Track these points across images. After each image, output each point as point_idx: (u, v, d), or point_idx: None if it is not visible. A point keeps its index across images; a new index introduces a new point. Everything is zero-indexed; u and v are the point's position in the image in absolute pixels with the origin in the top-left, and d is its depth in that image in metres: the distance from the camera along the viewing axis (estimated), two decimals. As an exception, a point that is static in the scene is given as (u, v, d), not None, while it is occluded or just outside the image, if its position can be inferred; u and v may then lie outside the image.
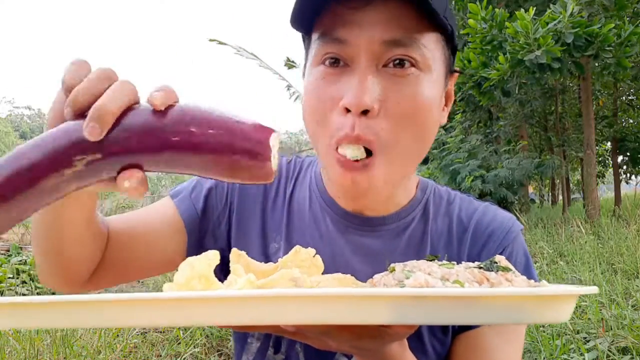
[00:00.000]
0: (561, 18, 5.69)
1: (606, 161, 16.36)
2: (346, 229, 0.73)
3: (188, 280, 0.40)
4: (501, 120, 10.09)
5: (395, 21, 0.57)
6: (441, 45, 0.62)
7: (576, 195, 18.86)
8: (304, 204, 0.77)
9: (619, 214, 7.15)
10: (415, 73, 0.59)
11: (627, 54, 6.08)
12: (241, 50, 8.02)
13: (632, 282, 4.08)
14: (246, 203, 0.78)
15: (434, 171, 9.57)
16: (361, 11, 0.57)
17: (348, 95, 0.57)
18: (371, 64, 0.58)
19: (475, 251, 0.73)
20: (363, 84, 0.57)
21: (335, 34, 0.58)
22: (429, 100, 0.61)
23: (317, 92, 0.61)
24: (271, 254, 0.76)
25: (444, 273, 0.42)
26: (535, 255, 5.50)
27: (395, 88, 0.58)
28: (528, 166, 8.40)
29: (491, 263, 0.44)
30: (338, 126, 0.59)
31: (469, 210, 0.76)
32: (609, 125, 12.45)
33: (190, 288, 0.40)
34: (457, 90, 7.74)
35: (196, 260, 0.42)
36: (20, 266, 4.17)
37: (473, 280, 0.41)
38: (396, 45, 0.57)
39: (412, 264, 0.46)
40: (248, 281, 0.42)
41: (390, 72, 0.59)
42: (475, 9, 6.35)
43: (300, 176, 0.81)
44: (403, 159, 0.62)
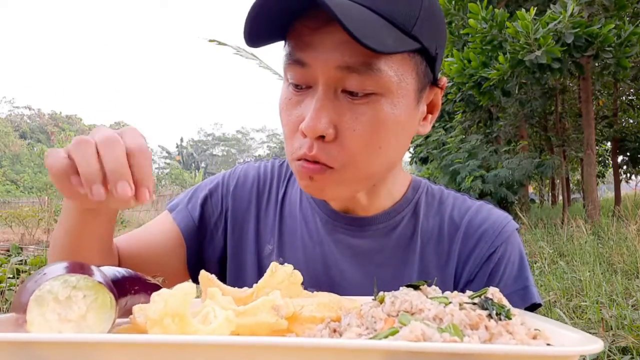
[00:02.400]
0: (561, 18, 5.69)
1: (606, 161, 16.35)
2: (335, 229, 0.74)
3: (161, 317, 0.38)
4: (501, 120, 10.09)
5: (351, 45, 0.53)
6: (411, 62, 0.60)
7: (576, 195, 18.85)
8: (295, 205, 0.79)
9: (619, 214, 7.14)
10: (374, 99, 0.58)
11: (627, 54, 6.08)
12: (241, 51, 8.02)
13: (632, 282, 4.08)
14: (240, 208, 0.80)
15: (434, 171, 9.58)
16: (318, 33, 0.56)
17: (305, 121, 0.58)
18: (329, 89, 0.58)
19: (467, 251, 0.72)
20: (318, 110, 0.57)
21: (295, 55, 0.58)
22: (389, 124, 0.60)
23: (284, 113, 0.63)
24: (265, 256, 0.77)
25: (437, 312, 0.40)
26: (535, 255, 5.49)
27: (351, 115, 0.58)
28: (528, 166, 8.40)
29: (486, 300, 0.42)
30: (299, 145, 0.61)
31: (462, 209, 0.76)
32: (609, 125, 12.45)
33: (164, 327, 0.38)
34: (457, 90, 7.74)
35: (171, 295, 0.39)
36: (20, 266, 4.17)
37: (468, 324, 0.39)
38: (351, 72, 0.56)
39: (402, 296, 0.43)
40: (226, 319, 0.40)
41: (348, 99, 0.58)
42: (475, 9, 6.35)
43: (292, 178, 0.82)
44: (360, 176, 0.63)
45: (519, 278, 0.72)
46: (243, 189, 0.81)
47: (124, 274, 0.51)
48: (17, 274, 3.99)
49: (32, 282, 0.41)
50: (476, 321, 0.39)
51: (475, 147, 8.82)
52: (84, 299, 0.40)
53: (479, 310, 0.40)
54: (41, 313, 0.38)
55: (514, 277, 0.72)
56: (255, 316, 0.43)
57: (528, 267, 0.74)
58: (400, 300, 0.42)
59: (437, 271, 0.73)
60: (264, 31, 0.57)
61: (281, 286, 0.51)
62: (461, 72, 6.91)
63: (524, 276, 0.72)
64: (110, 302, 0.41)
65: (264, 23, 0.56)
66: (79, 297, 0.40)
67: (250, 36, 0.56)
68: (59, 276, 0.40)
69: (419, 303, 0.41)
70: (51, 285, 0.39)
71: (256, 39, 0.58)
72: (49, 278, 0.40)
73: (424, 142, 10.24)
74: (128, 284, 0.51)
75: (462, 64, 6.86)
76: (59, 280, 0.40)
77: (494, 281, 0.71)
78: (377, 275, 0.73)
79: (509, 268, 0.72)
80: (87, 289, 0.40)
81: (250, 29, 0.55)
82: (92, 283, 0.41)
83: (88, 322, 0.39)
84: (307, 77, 0.59)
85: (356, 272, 0.73)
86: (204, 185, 0.83)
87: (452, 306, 0.41)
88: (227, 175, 0.84)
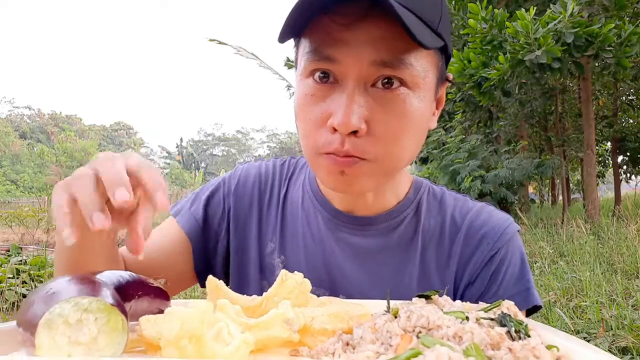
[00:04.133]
0: (561, 18, 5.68)
1: (606, 161, 16.34)
2: (337, 228, 0.75)
3: (177, 338, 0.37)
4: (501, 120, 10.08)
5: (384, 41, 0.56)
6: (434, 58, 0.62)
7: (576, 195, 18.85)
8: (297, 204, 0.79)
9: (619, 214, 7.14)
10: (404, 92, 0.59)
11: (627, 54, 6.07)
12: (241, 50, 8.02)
13: (632, 282, 4.08)
14: (242, 207, 0.80)
15: (434, 171, 9.57)
16: (351, 30, 0.56)
17: (337, 116, 0.57)
18: (359, 84, 0.58)
19: (468, 253, 0.73)
20: (350, 105, 0.57)
21: (325, 52, 0.58)
22: (417, 116, 0.61)
23: (307, 108, 0.62)
24: (267, 254, 0.78)
25: (457, 330, 0.39)
26: (535, 255, 5.49)
27: (382, 109, 0.59)
28: (528, 166, 8.40)
29: (504, 316, 0.41)
30: (327, 141, 0.60)
31: (463, 210, 0.76)
32: (609, 125, 12.44)
33: (179, 348, 0.37)
34: (457, 91, 7.74)
35: (187, 315, 0.38)
36: (20, 266, 4.17)
37: (489, 343, 0.38)
38: (384, 66, 0.57)
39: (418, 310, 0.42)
40: (244, 342, 0.39)
41: (379, 93, 0.59)
42: (475, 9, 6.34)
43: (294, 176, 0.83)
44: (390, 168, 0.64)
45: (520, 280, 0.72)
46: (244, 188, 0.82)
47: (127, 279, 0.51)
48: (17, 274, 3.99)
49: (39, 302, 0.40)
50: (497, 341, 0.38)
51: (475, 147, 8.82)
52: (95, 321, 0.39)
53: (498, 328, 0.39)
54: (51, 336, 0.37)
55: (515, 279, 0.72)
56: (268, 330, 0.42)
57: (529, 269, 0.74)
58: (416, 316, 0.41)
59: (438, 271, 0.73)
60: (296, 24, 0.56)
61: (291, 295, 0.50)
62: (461, 72, 6.90)
63: (525, 278, 0.72)
64: (122, 325, 0.40)
65: (303, 16, 0.55)
66: (90, 320, 0.39)
67: (289, 28, 0.56)
68: (70, 299, 0.39)
69: (436, 319, 0.40)
70: (62, 309, 0.38)
71: (288, 32, 0.57)
72: (60, 300, 0.39)
73: (424, 142, 10.23)
74: (132, 289, 0.50)
75: (462, 64, 6.85)
76: (70, 303, 0.39)
77: (495, 283, 0.71)
78: (378, 273, 0.73)
79: (510, 270, 0.72)
80: (99, 311, 0.39)
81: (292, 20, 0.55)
82: (104, 306, 0.40)
83: (99, 345, 0.39)
84: (336, 73, 0.59)
85: (357, 270, 0.73)
86: (206, 188, 0.83)
87: (471, 323, 0.40)
88: (228, 176, 0.84)
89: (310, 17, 0.56)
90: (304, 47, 0.60)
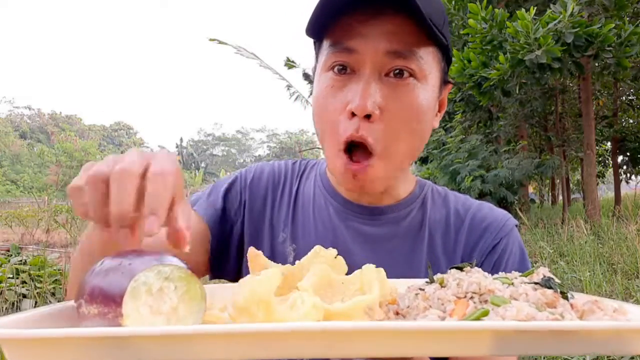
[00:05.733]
0: (561, 18, 5.69)
1: (606, 161, 16.35)
2: (347, 217, 0.80)
3: (247, 304, 0.38)
4: (501, 120, 10.08)
5: (397, 34, 0.64)
6: (438, 58, 0.70)
7: (576, 195, 18.85)
8: (309, 197, 0.85)
9: (619, 214, 7.14)
10: (413, 82, 0.66)
11: (627, 54, 6.08)
12: (241, 50, 8.02)
13: (632, 282, 4.08)
14: (257, 200, 0.86)
15: (434, 171, 9.57)
16: (368, 24, 0.64)
17: (354, 101, 0.64)
18: (374, 72, 0.65)
19: (472, 242, 0.78)
20: (367, 90, 0.64)
21: (345, 44, 0.65)
22: (424, 107, 0.68)
23: (326, 100, 0.68)
24: (279, 243, 0.82)
25: (511, 292, 0.41)
26: (535, 255, 5.49)
27: (394, 96, 0.65)
28: (528, 166, 8.40)
29: (548, 279, 0.43)
30: (344, 128, 0.66)
31: (466, 205, 0.82)
32: (609, 125, 12.45)
33: (250, 314, 0.38)
34: (457, 90, 7.74)
35: (257, 283, 0.39)
36: (20, 266, 4.17)
37: (545, 302, 0.39)
38: (397, 57, 0.64)
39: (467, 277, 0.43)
40: (314, 306, 0.39)
41: (391, 81, 0.66)
42: (475, 9, 6.35)
43: (304, 174, 0.89)
44: (399, 158, 0.70)
45: (521, 268, 0.76)
46: (259, 183, 0.87)
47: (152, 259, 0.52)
48: (17, 274, 3.98)
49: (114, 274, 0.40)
50: (552, 299, 0.40)
51: (475, 147, 8.82)
52: (175, 290, 0.39)
53: (546, 290, 0.41)
54: (135, 307, 0.37)
55: (516, 268, 0.76)
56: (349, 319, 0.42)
57: (528, 259, 0.79)
58: (467, 282, 0.43)
59: (445, 259, 0.77)
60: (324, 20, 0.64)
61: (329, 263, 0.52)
62: (461, 72, 6.90)
63: (525, 267, 0.77)
64: (201, 294, 0.40)
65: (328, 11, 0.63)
66: (170, 289, 0.39)
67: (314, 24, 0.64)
68: (153, 267, 0.39)
69: (487, 284, 0.42)
70: (146, 277, 0.38)
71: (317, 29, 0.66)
72: (141, 269, 0.39)
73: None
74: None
75: (462, 64, 6.86)
76: (153, 271, 0.39)
77: (498, 270, 0.75)
78: (388, 261, 0.75)
79: (512, 259, 0.77)
80: (179, 280, 0.39)
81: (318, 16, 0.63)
82: (185, 274, 0.40)
83: (179, 315, 0.38)
84: (354, 63, 0.66)
85: (367, 257, 0.76)
86: (224, 181, 0.89)
87: (524, 286, 0.41)
88: (243, 172, 0.90)
89: (335, 16, 0.64)
90: (326, 43, 0.68)
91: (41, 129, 48.22)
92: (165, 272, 0.39)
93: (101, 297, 0.39)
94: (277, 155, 50.35)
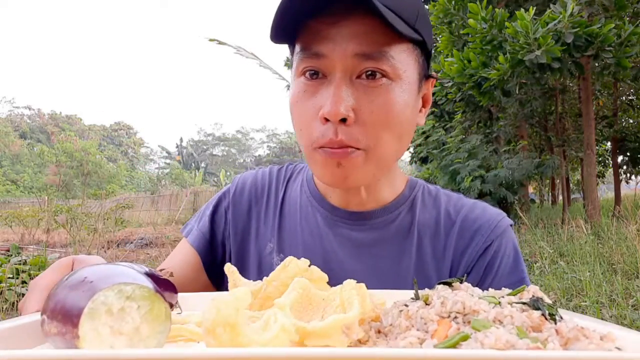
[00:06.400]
0: (561, 18, 5.68)
1: (606, 161, 16.34)
2: (335, 223, 0.78)
3: (214, 325, 0.35)
4: (501, 120, 10.08)
5: (365, 35, 0.61)
6: (414, 54, 0.67)
7: (576, 195, 18.84)
8: (295, 204, 0.83)
9: (619, 214, 7.14)
10: (386, 83, 0.64)
11: (627, 54, 6.07)
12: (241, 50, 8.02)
13: (632, 282, 4.08)
14: (241, 212, 0.86)
15: (434, 171, 9.57)
16: (335, 27, 0.61)
17: (326, 105, 0.62)
18: (345, 76, 0.63)
19: (463, 244, 0.75)
20: (338, 95, 0.61)
21: (313, 49, 0.63)
22: (400, 107, 0.65)
23: (300, 106, 0.66)
24: (266, 254, 0.81)
25: (496, 314, 0.38)
26: (535, 255, 5.49)
27: (367, 98, 0.63)
28: (528, 166, 8.39)
29: (536, 300, 0.41)
30: (321, 133, 0.63)
31: (457, 206, 0.79)
32: (609, 125, 12.44)
33: (215, 336, 0.36)
34: (457, 91, 7.73)
35: (224, 304, 0.36)
36: (20, 266, 4.17)
37: (530, 326, 0.38)
38: (367, 58, 0.62)
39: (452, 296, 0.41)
40: (282, 329, 0.37)
41: (363, 83, 0.63)
42: (475, 8, 6.35)
43: (291, 179, 0.87)
44: (382, 158, 0.67)
45: (514, 270, 0.75)
46: (241, 196, 0.87)
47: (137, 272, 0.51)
48: (16, 274, 3.99)
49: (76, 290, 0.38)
50: (538, 323, 0.38)
51: (475, 147, 8.82)
52: (138, 309, 0.37)
53: (533, 311, 0.39)
54: (94, 327, 0.35)
55: (509, 269, 0.74)
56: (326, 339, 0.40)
57: (522, 260, 0.77)
58: (451, 301, 0.41)
59: (434, 263, 0.75)
60: (286, 26, 0.62)
61: (291, 281, 0.49)
62: (461, 72, 6.90)
63: (519, 269, 0.75)
64: (166, 313, 0.38)
65: (289, 15, 0.60)
66: (133, 308, 0.37)
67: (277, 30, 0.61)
68: (114, 286, 0.37)
69: (472, 304, 0.40)
70: (105, 297, 0.36)
71: (280, 35, 0.63)
72: (101, 288, 0.37)
73: (424, 142, 10.24)
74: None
75: (462, 64, 6.85)
76: (114, 290, 0.37)
77: (490, 273, 0.74)
78: (376, 266, 0.75)
79: (505, 261, 0.74)
80: (142, 299, 0.37)
81: (278, 22, 0.60)
82: (148, 293, 0.38)
83: (142, 335, 0.37)
84: (324, 68, 0.64)
85: (355, 263, 0.76)
86: (210, 203, 0.89)
87: (509, 307, 0.40)
88: (227, 189, 0.90)
89: (299, 21, 0.62)
90: (297, 48, 0.65)
91: (41, 129, 48.20)
92: (127, 291, 0.37)
93: (61, 316, 0.38)
94: (277, 155, 50.33)
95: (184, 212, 17.37)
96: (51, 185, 30.02)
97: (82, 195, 22.92)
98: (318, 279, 0.51)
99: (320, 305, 0.46)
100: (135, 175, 47.50)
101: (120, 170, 38.64)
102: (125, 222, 10.41)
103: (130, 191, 35.53)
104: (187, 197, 19.52)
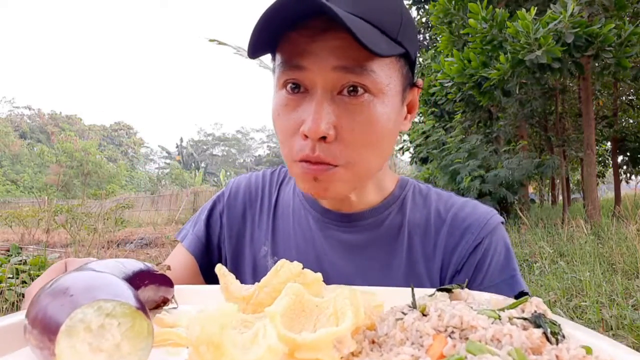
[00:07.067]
0: (561, 18, 5.68)
1: (606, 161, 16.33)
2: (326, 226, 0.79)
3: (197, 342, 0.34)
4: (501, 120, 10.08)
5: (345, 50, 0.59)
6: (397, 65, 0.66)
7: (576, 195, 18.84)
8: (288, 207, 0.84)
9: (619, 214, 7.14)
10: (368, 99, 0.62)
11: (627, 54, 6.07)
12: (241, 50, 8.02)
13: (632, 282, 4.07)
14: (235, 216, 0.87)
15: (434, 171, 9.57)
16: (316, 40, 0.60)
17: (307, 123, 0.61)
18: (326, 92, 0.62)
19: (452, 243, 0.75)
20: (319, 112, 0.60)
21: (294, 62, 0.62)
22: (382, 123, 0.64)
23: (281, 119, 0.66)
24: (261, 257, 0.82)
25: (495, 332, 0.37)
26: (535, 255, 5.49)
27: (348, 116, 0.62)
28: (528, 166, 8.39)
29: (538, 316, 0.39)
30: (300, 148, 0.63)
31: (448, 204, 0.79)
32: (609, 125, 12.43)
33: (199, 354, 0.35)
34: (457, 91, 7.73)
35: (208, 320, 0.35)
36: (20, 266, 4.17)
37: (529, 347, 0.36)
38: (347, 72, 0.60)
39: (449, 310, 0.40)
40: (269, 349, 0.36)
41: (345, 100, 0.62)
42: (476, 8, 6.35)
43: (284, 182, 0.88)
44: (362, 172, 0.67)
45: (506, 268, 0.74)
46: (235, 199, 0.87)
47: (133, 270, 0.51)
48: (16, 274, 3.99)
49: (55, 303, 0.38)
50: (538, 345, 0.36)
51: (475, 147, 8.82)
52: (118, 326, 0.36)
53: (534, 329, 0.38)
54: (71, 345, 0.34)
55: (500, 267, 0.74)
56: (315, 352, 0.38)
57: (514, 258, 0.76)
58: (448, 315, 0.39)
59: (424, 261, 0.75)
60: (265, 41, 0.61)
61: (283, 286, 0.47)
62: (461, 72, 6.90)
63: (510, 266, 0.75)
64: (148, 330, 0.37)
65: (267, 32, 0.59)
66: (113, 325, 0.36)
67: (254, 46, 0.59)
68: (93, 302, 0.36)
69: (470, 319, 0.38)
70: (84, 314, 0.35)
71: (259, 49, 0.61)
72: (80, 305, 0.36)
73: (424, 142, 10.24)
74: (139, 279, 0.51)
75: (462, 64, 6.85)
76: (93, 307, 0.36)
77: (481, 271, 0.74)
78: (366, 267, 0.76)
79: (495, 259, 0.74)
80: (123, 316, 0.37)
81: (257, 38, 0.58)
82: (129, 310, 0.37)
83: (122, 352, 0.36)
84: (305, 81, 0.62)
85: (347, 265, 0.76)
86: (205, 208, 0.90)
87: (507, 324, 0.38)
88: (221, 192, 0.91)
89: (278, 34, 0.61)
90: (278, 59, 0.64)
91: (41, 129, 48.19)
92: (107, 308, 0.36)
93: (40, 327, 0.37)
94: (277, 155, 50.27)
95: (184, 212, 17.36)
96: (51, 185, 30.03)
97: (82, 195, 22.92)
98: (312, 281, 0.50)
99: (313, 313, 0.45)
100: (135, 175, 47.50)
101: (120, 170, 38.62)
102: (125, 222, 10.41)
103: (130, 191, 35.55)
104: (187, 197, 19.51)
